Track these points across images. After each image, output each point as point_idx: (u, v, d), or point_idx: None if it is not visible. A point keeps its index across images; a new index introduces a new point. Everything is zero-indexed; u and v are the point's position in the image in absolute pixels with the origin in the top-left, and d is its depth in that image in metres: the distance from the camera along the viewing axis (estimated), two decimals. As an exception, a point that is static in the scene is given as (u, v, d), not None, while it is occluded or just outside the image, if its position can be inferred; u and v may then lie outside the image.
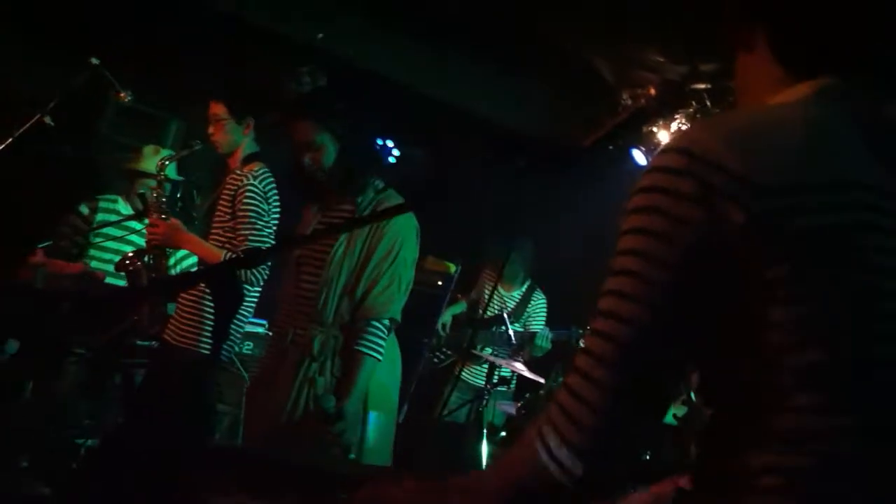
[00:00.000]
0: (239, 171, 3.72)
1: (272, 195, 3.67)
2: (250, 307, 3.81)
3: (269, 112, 3.75)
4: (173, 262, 4.61)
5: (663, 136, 5.81)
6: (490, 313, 5.83)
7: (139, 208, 4.54)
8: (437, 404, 5.49)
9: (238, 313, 3.65)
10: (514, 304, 5.87)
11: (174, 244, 3.79)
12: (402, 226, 3.07)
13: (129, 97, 3.86)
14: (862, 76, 1.12)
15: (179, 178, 4.75)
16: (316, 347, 2.99)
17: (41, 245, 4.36)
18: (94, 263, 4.64)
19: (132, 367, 4.47)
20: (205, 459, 1.70)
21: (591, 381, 1.03)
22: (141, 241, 4.67)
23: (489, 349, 5.43)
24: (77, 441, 4.52)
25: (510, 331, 5.34)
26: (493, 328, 5.52)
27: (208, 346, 3.56)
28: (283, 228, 3.74)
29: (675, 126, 5.77)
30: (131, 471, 3.27)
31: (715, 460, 1.09)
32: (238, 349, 4.66)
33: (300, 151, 3.09)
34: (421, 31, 5.86)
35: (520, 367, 5.10)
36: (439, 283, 6.70)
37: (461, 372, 5.47)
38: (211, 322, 3.52)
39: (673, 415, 3.84)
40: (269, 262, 3.55)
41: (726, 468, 1.04)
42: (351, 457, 2.91)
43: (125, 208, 4.76)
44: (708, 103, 5.53)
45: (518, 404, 5.15)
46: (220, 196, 3.75)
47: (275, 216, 3.69)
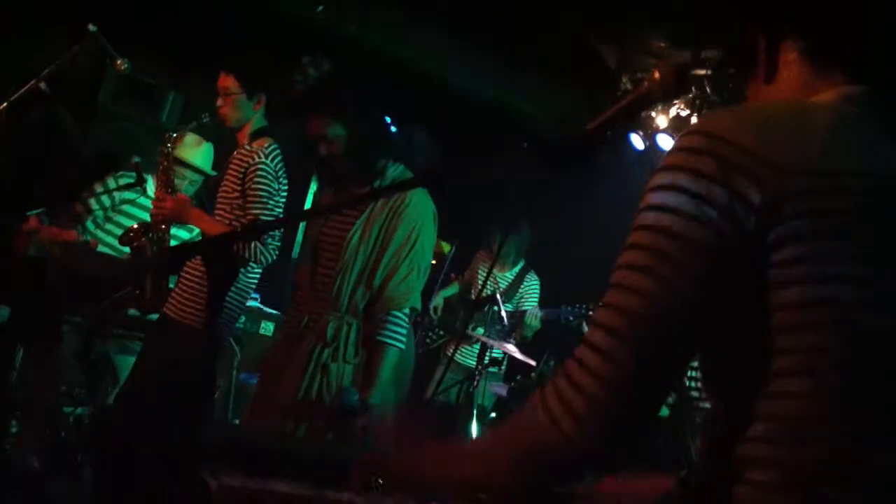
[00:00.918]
0: (248, 147, 3.65)
1: (282, 173, 3.62)
2: (252, 284, 3.76)
3: (277, 94, 3.69)
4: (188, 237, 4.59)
5: (661, 120, 5.81)
6: (482, 294, 5.84)
7: (140, 177, 4.49)
8: (429, 384, 5.51)
9: (239, 290, 3.62)
10: (506, 284, 5.85)
11: (181, 220, 3.73)
12: (420, 211, 3.01)
13: (126, 66, 3.80)
14: (891, 88, 1.13)
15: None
16: (329, 333, 2.94)
17: (34, 212, 4.32)
18: (108, 238, 4.62)
19: (121, 339, 4.47)
20: (205, 438, 1.70)
21: (602, 353, 1.03)
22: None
23: (481, 330, 5.42)
24: (66, 410, 4.53)
25: (502, 311, 5.33)
26: (486, 308, 5.51)
27: (210, 322, 3.53)
28: (289, 205, 3.71)
29: (673, 112, 5.77)
30: (127, 446, 3.26)
31: (713, 450, 1.10)
32: (239, 325, 4.64)
33: (316, 143, 3.04)
34: (421, 10, 5.83)
35: (512, 349, 5.10)
36: (433, 262, 6.69)
37: (452, 351, 5.47)
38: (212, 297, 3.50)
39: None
40: (277, 239, 3.52)
41: (724, 458, 1.05)
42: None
43: (151, 189, 4.67)
44: (708, 90, 5.53)
45: (509, 386, 5.17)
46: (226, 171, 3.70)
47: (284, 194, 3.64)
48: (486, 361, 5.13)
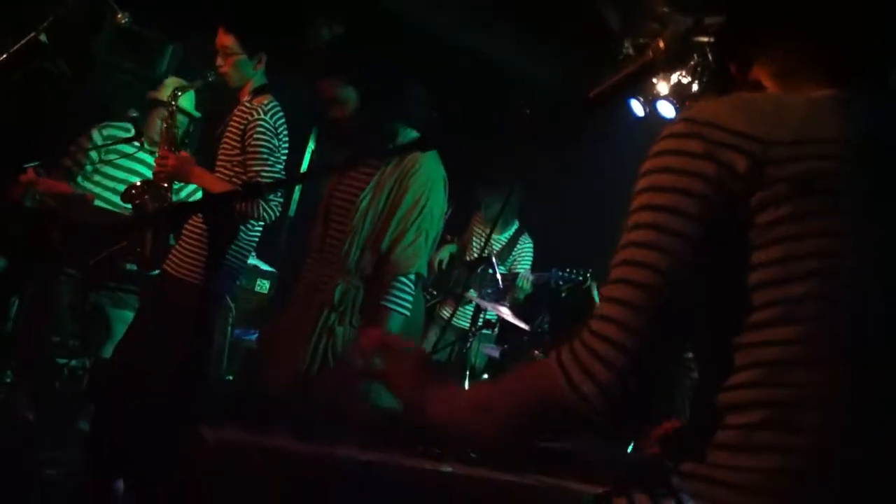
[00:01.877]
0: (248, 103, 3.62)
1: (282, 130, 3.59)
2: (253, 241, 3.74)
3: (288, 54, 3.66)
4: (185, 195, 4.60)
5: (662, 87, 5.78)
6: (476, 255, 5.85)
7: (157, 143, 4.49)
8: (421, 343, 5.54)
9: (240, 247, 3.62)
10: (500, 246, 5.87)
11: (184, 178, 3.71)
12: (429, 176, 3.00)
13: (126, 19, 3.77)
14: (879, 94, 1.23)
15: (197, 115, 4.67)
16: (337, 297, 2.94)
17: (31, 165, 4.32)
18: (96, 189, 4.62)
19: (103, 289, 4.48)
20: (206, 395, 1.72)
21: (618, 324, 1.11)
22: (144, 170, 4.66)
23: (474, 291, 5.44)
24: (60, 361, 4.56)
25: (497, 273, 5.35)
26: (480, 270, 5.53)
27: (209, 278, 3.52)
28: (288, 164, 3.70)
29: (674, 78, 5.74)
30: (125, 400, 3.28)
31: (700, 404, 1.19)
32: (239, 282, 4.65)
33: (327, 107, 3.02)
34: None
35: (505, 311, 5.13)
36: (437, 225, 6.70)
37: (451, 313, 5.50)
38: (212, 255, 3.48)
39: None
40: (280, 195, 3.52)
41: (710, 409, 1.13)
42: None
43: (128, 134, 4.67)
44: (710, 57, 5.50)
45: (501, 348, 5.21)
46: (227, 128, 3.68)
47: (284, 151, 3.61)
48: (479, 323, 5.15)
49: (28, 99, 4.50)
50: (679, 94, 5.55)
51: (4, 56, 3.28)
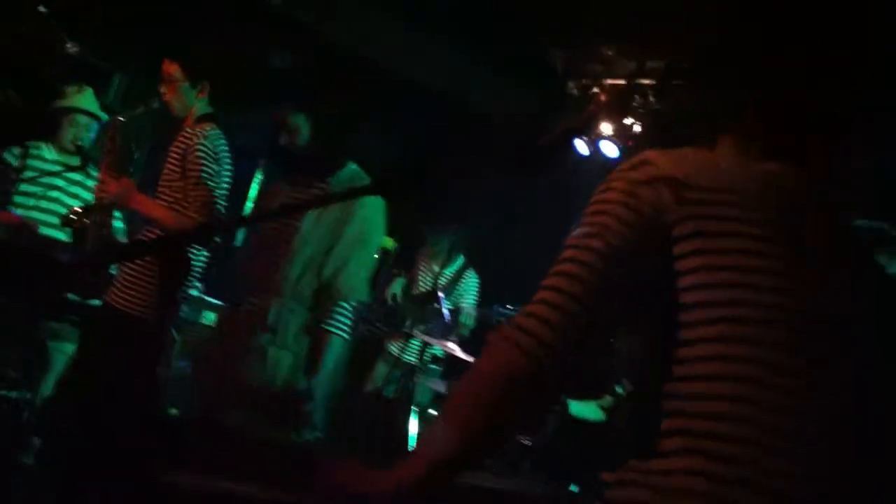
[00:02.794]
0: (190, 129, 3.63)
1: (224, 156, 3.60)
2: (197, 271, 3.74)
3: (226, 80, 3.70)
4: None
5: (606, 127, 5.90)
6: (423, 290, 5.89)
7: (71, 151, 4.47)
8: (367, 378, 5.54)
9: (186, 278, 3.61)
10: (445, 281, 5.90)
11: (125, 205, 3.69)
12: (372, 210, 3.12)
13: (75, 49, 3.77)
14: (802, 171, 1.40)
15: (104, 116, 4.60)
16: (271, 318, 3.00)
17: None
18: (31, 213, 4.55)
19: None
20: (157, 430, 1.71)
21: (557, 292, 1.30)
22: (83, 192, 4.61)
23: (422, 326, 5.46)
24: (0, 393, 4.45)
25: (444, 308, 5.38)
26: (427, 305, 5.57)
27: (153, 309, 3.50)
28: (233, 195, 3.71)
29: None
30: (77, 438, 3.24)
31: (633, 431, 1.34)
32: (184, 314, 4.62)
33: (276, 131, 3.10)
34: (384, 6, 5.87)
35: (452, 346, 5.16)
36: (375, 255, 6.71)
37: (401, 349, 5.52)
38: (154, 284, 3.48)
39: (601, 407, 3.97)
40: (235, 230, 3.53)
41: (642, 436, 1.28)
42: (317, 434, 2.97)
43: (49, 153, 4.62)
44: (652, 99, 5.65)
45: (448, 383, 5.23)
46: (168, 154, 3.68)
47: (226, 178, 3.63)
48: (426, 358, 5.18)
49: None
50: (622, 135, 5.68)
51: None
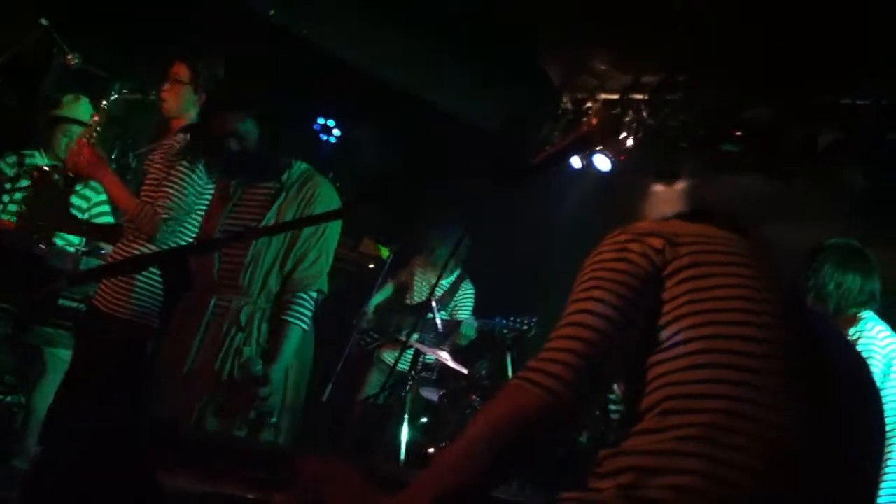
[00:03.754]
0: (183, 139, 3.64)
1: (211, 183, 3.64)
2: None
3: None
4: (86, 207, 4.62)
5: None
6: (417, 300, 5.92)
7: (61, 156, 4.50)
8: (361, 386, 5.56)
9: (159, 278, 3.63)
10: (442, 292, 5.94)
11: (92, 174, 3.68)
12: (327, 204, 3.24)
13: (77, 60, 3.81)
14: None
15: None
16: (243, 319, 3.11)
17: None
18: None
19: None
20: (153, 436, 1.73)
21: (572, 340, 1.43)
22: (77, 200, 4.64)
23: (416, 335, 5.49)
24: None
25: (437, 318, 5.42)
26: (421, 315, 5.60)
27: (140, 313, 3.55)
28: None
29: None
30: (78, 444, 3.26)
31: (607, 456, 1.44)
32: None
33: (225, 138, 3.16)
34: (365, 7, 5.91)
35: (445, 356, 5.19)
36: (371, 265, 6.76)
37: (396, 358, 5.55)
38: (141, 288, 3.54)
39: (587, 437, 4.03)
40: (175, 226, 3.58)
41: (606, 465, 1.42)
42: (273, 421, 3.05)
43: (43, 161, 4.65)
44: (645, 114, 5.70)
45: (441, 392, 5.26)
46: (153, 157, 3.71)
47: (207, 197, 3.64)
48: (419, 367, 5.21)
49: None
50: (615, 148, 5.72)
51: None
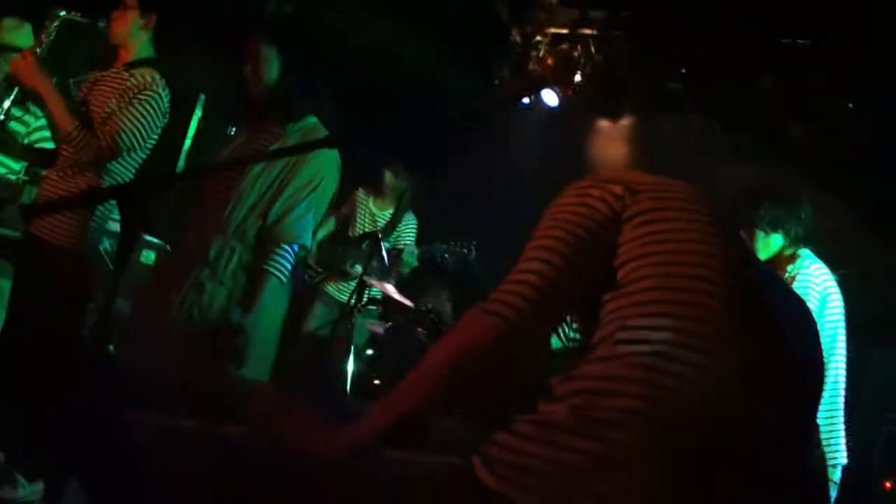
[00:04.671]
0: (137, 74, 3.51)
1: (166, 118, 3.56)
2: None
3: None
4: (24, 132, 4.47)
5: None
6: (360, 231, 5.92)
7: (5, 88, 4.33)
8: (306, 320, 5.58)
9: (103, 208, 3.56)
10: (384, 222, 5.96)
11: (33, 83, 3.47)
12: (326, 160, 3.15)
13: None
14: None
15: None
16: (212, 254, 3.03)
17: None
18: None
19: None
20: (95, 369, 1.73)
21: (529, 277, 1.51)
22: (19, 127, 4.49)
23: (359, 267, 5.49)
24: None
25: (383, 249, 5.43)
26: (364, 245, 5.60)
27: (79, 240, 3.46)
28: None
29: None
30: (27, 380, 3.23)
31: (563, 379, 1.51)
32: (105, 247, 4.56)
33: (246, 61, 3.13)
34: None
35: (391, 289, 5.22)
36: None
37: (339, 290, 5.56)
38: (81, 215, 3.44)
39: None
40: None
41: (558, 389, 1.47)
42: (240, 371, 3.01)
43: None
44: (593, 49, 5.72)
45: (387, 325, 5.30)
46: (92, 93, 3.57)
47: (154, 139, 3.56)
48: (364, 300, 5.23)
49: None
50: (564, 85, 5.74)
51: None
